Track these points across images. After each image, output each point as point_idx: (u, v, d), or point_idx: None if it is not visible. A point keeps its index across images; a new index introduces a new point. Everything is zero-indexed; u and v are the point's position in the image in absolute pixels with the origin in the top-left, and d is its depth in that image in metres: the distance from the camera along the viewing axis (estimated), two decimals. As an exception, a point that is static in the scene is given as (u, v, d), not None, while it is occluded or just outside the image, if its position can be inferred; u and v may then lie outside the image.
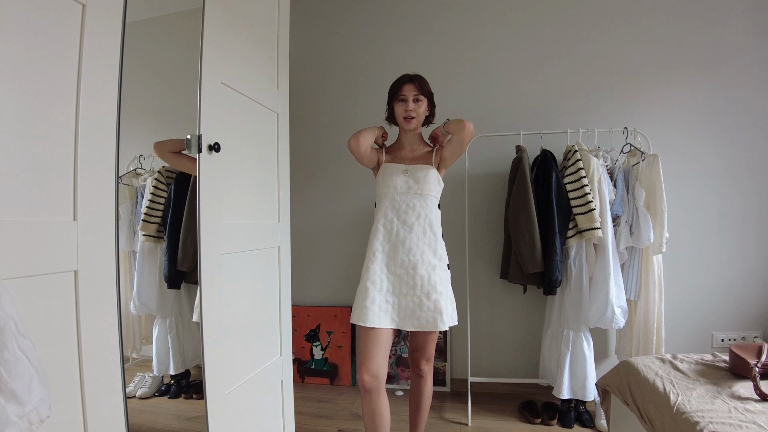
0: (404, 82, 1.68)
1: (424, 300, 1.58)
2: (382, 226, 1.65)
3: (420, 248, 1.61)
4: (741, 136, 2.41)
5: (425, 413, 1.82)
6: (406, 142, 1.77)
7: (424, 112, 1.70)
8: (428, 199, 1.65)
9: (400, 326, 1.60)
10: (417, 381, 1.79)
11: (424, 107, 1.69)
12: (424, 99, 1.68)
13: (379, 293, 1.60)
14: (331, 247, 2.80)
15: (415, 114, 1.67)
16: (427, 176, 1.66)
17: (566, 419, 2.13)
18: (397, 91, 1.68)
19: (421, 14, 2.72)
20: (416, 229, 1.62)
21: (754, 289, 2.41)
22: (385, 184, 1.69)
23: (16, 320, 0.67)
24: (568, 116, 2.51)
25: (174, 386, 1.92)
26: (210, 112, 1.29)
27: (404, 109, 1.67)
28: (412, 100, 1.66)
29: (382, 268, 1.63)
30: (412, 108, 1.66)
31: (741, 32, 2.41)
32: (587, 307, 2.09)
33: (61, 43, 0.86)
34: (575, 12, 2.55)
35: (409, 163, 1.71)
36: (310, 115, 2.83)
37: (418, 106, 1.67)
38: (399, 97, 1.68)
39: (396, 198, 1.66)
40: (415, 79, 1.68)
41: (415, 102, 1.67)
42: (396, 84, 1.70)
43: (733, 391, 1.28)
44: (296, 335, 2.72)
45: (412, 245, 1.61)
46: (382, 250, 1.64)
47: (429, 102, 1.72)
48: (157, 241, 1.77)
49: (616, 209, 2.14)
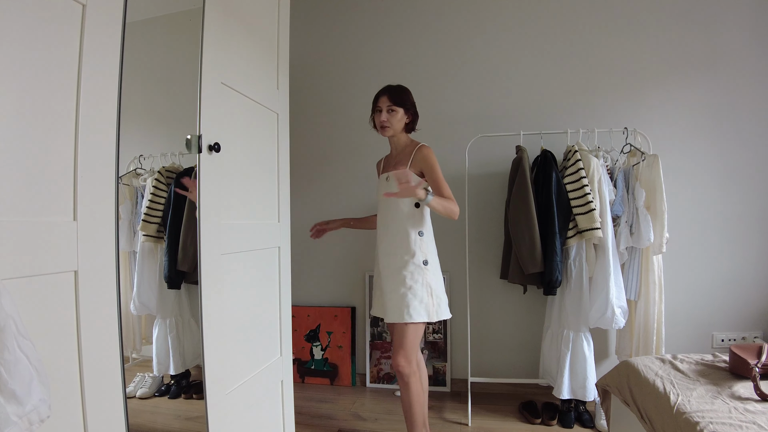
0: (381, 94, 1.83)
1: (393, 293, 1.74)
2: (377, 231, 1.89)
3: (394, 245, 1.78)
4: (741, 136, 2.41)
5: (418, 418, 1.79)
6: (393, 149, 1.93)
7: (401, 121, 1.82)
8: (402, 200, 1.75)
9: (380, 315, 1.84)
10: (400, 384, 1.79)
11: (399, 116, 1.81)
12: (398, 109, 1.80)
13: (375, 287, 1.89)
14: (331, 247, 2.80)
15: (388, 124, 1.80)
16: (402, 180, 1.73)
17: (566, 419, 2.13)
18: (374, 102, 1.85)
19: (421, 14, 2.72)
20: (392, 228, 1.79)
21: (754, 289, 2.41)
22: (378, 194, 1.90)
23: (16, 320, 0.67)
24: (568, 116, 2.51)
25: (174, 386, 1.92)
26: (210, 112, 1.29)
27: (379, 120, 1.82)
28: (386, 110, 1.80)
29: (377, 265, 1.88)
30: (384, 119, 1.80)
31: (741, 32, 2.41)
32: (587, 308, 2.09)
33: (61, 43, 0.86)
34: (575, 12, 2.55)
35: (391, 169, 1.85)
36: (310, 115, 2.83)
37: (391, 116, 1.80)
38: (375, 108, 1.85)
39: (382, 204, 1.85)
40: (389, 90, 1.82)
41: (389, 113, 1.80)
42: (375, 96, 1.85)
43: (733, 392, 1.28)
44: (296, 335, 2.72)
45: (389, 244, 1.80)
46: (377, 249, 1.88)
47: (407, 111, 1.83)
48: (157, 241, 1.77)
49: (616, 209, 2.14)
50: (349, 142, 2.79)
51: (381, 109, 1.81)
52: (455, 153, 2.55)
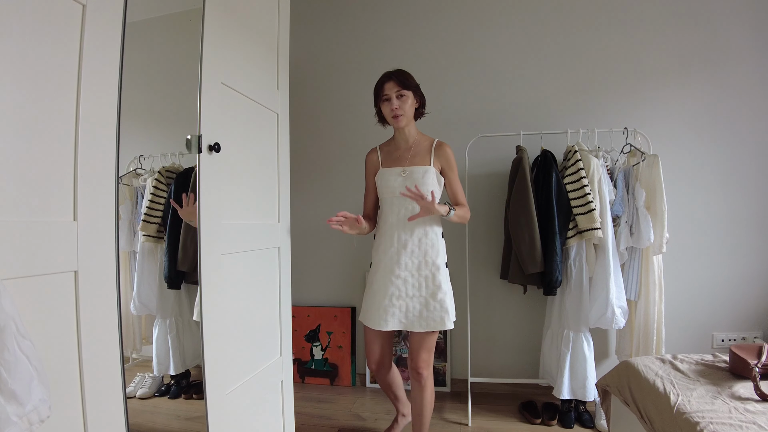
0: (384, 80, 1.67)
1: (430, 300, 1.62)
2: (385, 231, 1.71)
3: (422, 249, 1.64)
4: (741, 136, 2.41)
5: (427, 421, 1.81)
6: (401, 141, 1.77)
7: (411, 106, 1.69)
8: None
9: (408, 328, 1.66)
10: (418, 387, 1.77)
11: (410, 101, 1.67)
12: (408, 93, 1.66)
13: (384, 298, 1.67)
14: (331, 247, 2.80)
15: (401, 111, 1.65)
16: (425, 176, 1.67)
17: (566, 419, 2.13)
18: (380, 91, 1.69)
19: (421, 14, 2.72)
20: (417, 231, 1.64)
21: (754, 289, 2.41)
22: (384, 189, 1.71)
23: (16, 320, 0.67)
24: (568, 116, 2.51)
25: (174, 386, 1.92)
26: (210, 113, 1.29)
27: (390, 109, 1.66)
28: (395, 97, 1.65)
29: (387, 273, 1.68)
30: (397, 106, 1.64)
31: (741, 32, 2.41)
32: (587, 308, 2.09)
33: (61, 43, 0.86)
34: (575, 12, 2.55)
35: (407, 164, 1.71)
36: (310, 115, 2.83)
37: (403, 102, 1.65)
38: (383, 97, 1.68)
39: (395, 202, 1.69)
40: (394, 75, 1.66)
41: (399, 98, 1.65)
42: (378, 84, 1.70)
43: (733, 392, 1.28)
44: (296, 335, 2.72)
45: (414, 248, 1.65)
46: (385, 254, 1.69)
47: (415, 94, 1.69)
48: (157, 241, 1.77)
49: (616, 209, 2.14)
50: (349, 142, 2.79)
51: (389, 97, 1.66)
52: (455, 153, 2.51)
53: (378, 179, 1.75)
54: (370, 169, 1.81)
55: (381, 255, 1.71)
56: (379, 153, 1.81)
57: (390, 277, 1.66)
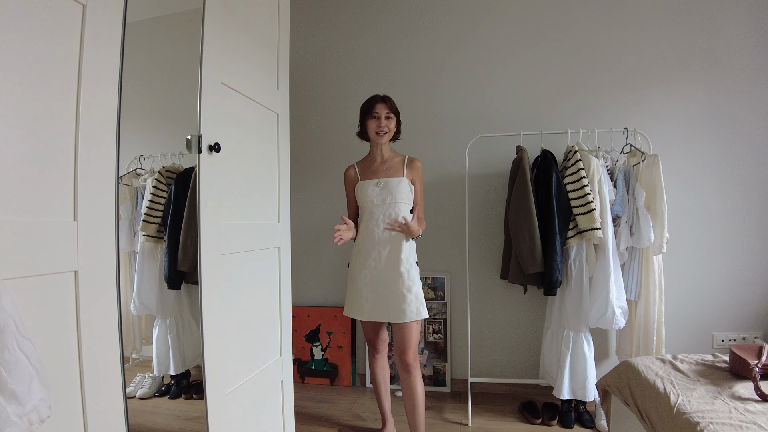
0: (376, 101, 1.94)
1: (406, 294, 1.83)
2: (366, 236, 1.93)
3: (398, 248, 1.87)
4: (741, 136, 2.41)
5: (421, 412, 1.90)
6: (377, 156, 2.01)
7: (393, 128, 1.98)
8: (401, 206, 1.90)
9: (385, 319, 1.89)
10: (407, 378, 1.88)
11: (393, 123, 1.97)
12: (393, 117, 1.96)
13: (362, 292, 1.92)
14: (332, 247, 2.80)
15: (387, 129, 1.93)
16: (399, 186, 1.91)
17: (566, 420, 2.13)
18: (371, 108, 1.94)
19: (421, 14, 2.72)
20: (394, 234, 1.89)
21: (754, 289, 2.41)
22: (363, 199, 1.96)
23: (16, 320, 0.67)
24: (568, 116, 2.51)
25: (174, 386, 1.92)
26: (210, 113, 1.29)
27: (377, 125, 1.93)
28: (384, 117, 1.93)
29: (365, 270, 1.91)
30: (384, 124, 1.93)
31: (741, 32, 2.41)
32: (587, 308, 2.09)
33: (61, 43, 0.86)
34: (575, 12, 2.55)
35: (382, 176, 1.95)
36: (310, 115, 2.83)
37: (389, 122, 1.94)
38: (372, 114, 1.94)
39: (374, 210, 1.92)
40: (386, 99, 1.95)
41: (387, 119, 1.94)
42: (369, 103, 1.96)
43: (733, 392, 1.28)
44: (296, 335, 2.72)
45: (393, 247, 1.88)
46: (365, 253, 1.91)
47: (397, 119, 1.99)
48: (157, 241, 1.77)
49: (616, 210, 2.14)
50: (349, 142, 2.78)
51: (379, 116, 1.92)
52: (455, 153, 2.55)
53: (357, 191, 1.98)
54: (349, 183, 2.06)
55: (360, 255, 1.94)
56: (356, 168, 2.04)
57: (366, 272, 1.91)
